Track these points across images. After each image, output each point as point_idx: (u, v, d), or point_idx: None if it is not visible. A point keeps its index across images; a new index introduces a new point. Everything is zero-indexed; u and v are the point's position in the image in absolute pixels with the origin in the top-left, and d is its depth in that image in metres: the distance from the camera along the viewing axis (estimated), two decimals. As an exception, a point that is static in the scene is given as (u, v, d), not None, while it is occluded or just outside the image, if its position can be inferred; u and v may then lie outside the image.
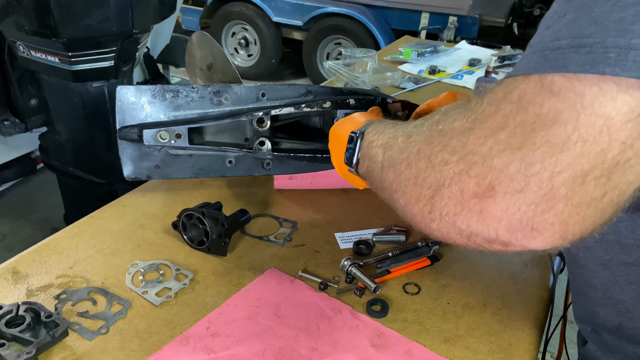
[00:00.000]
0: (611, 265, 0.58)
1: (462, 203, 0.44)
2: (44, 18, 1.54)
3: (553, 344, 1.06)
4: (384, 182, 0.57)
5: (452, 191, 0.44)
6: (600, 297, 0.62)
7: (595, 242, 0.58)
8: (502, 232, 0.42)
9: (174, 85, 0.89)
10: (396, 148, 0.55)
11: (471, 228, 0.44)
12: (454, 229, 0.45)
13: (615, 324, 0.61)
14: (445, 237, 0.47)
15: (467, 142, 0.44)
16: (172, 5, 1.98)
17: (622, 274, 0.57)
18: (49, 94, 1.94)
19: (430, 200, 0.47)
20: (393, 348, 0.72)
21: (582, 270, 0.63)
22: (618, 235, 0.55)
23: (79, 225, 0.96)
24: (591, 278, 0.62)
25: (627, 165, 0.38)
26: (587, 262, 0.61)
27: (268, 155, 0.93)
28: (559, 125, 0.38)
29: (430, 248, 0.91)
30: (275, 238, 0.94)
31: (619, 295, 0.59)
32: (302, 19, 4.40)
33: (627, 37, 0.36)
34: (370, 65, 1.66)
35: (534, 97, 0.40)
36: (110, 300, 0.78)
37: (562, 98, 0.38)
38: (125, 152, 0.90)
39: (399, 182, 0.52)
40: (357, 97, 0.94)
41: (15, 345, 0.69)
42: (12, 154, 2.50)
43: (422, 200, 0.48)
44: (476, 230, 0.43)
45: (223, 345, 0.71)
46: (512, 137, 0.40)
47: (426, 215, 0.48)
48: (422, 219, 0.49)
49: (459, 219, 0.44)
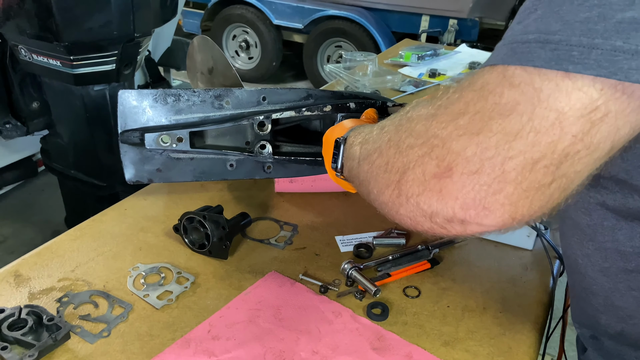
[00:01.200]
0: (611, 273, 0.58)
1: (424, 184, 0.47)
2: (45, 22, 1.55)
3: (553, 347, 1.07)
4: (360, 175, 0.60)
5: (416, 173, 0.47)
6: (601, 303, 0.62)
7: (594, 250, 0.58)
8: (458, 210, 0.45)
9: (175, 89, 0.89)
10: (371, 140, 0.59)
11: (432, 207, 0.46)
12: (418, 210, 0.48)
13: (617, 330, 0.61)
14: (412, 221, 0.50)
15: (430, 127, 0.47)
16: (173, 9, 1.98)
17: (623, 281, 0.57)
18: (50, 97, 1.95)
19: (397, 184, 0.50)
20: (393, 351, 0.72)
21: (582, 277, 0.63)
22: (617, 244, 0.55)
23: (80, 229, 0.96)
24: (591, 285, 0.61)
25: (577, 157, 0.41)
26: (586, 270, 0.61)
27: (269, 158, 0.93)
28: (515, 116, 0.41)
29: (430, 251, 0.91)
30: (276, 241, 0.95)
31: (619, 302, 0.59)
32: (303, 22, 4.40)
33: (590, 36, 0.38)
34: (370, 68, 1.67)
35: (495, 87, 0.43)
36: (111, 303, 0.79)
37: (521, 91, 0.41)
38: (127, 155, 0.91)
39: (372, 171, 0.55)
40: (357, 101, 0.95)
41: (18, 348, 0.70)
42: (14, 157, 2.51)
43: (390, 185, 0.51)
44: (436, 209, 0.46)
45: (224, 348, 0.72)
46: (471, 123, 0.43)
47: (395, 200, 0.50)
48: (392, 205, 0.51)
49: (421, 200, 0.47)
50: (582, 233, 0.59)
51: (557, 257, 0.91)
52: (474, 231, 0.47)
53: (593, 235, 0.57)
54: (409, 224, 0.51)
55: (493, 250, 0.94)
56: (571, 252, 0.63)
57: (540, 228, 0.91)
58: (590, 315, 0.65)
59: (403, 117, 0.53)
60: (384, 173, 0.52)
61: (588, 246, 0.59)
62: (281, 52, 4.73)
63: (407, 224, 0.51)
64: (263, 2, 4.51)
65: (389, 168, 0.51)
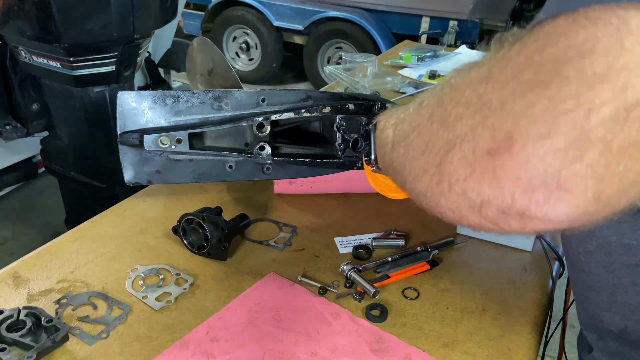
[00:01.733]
0: (614, 268, 0.57)
1: (473, 164, 0.37)
2: (45, 23, 1.55)
3: (554, 349, 1.06)
4: (394, 162, 0.52)
5: (463, 151, 0.38)
6: (604, 301, 0.61)
7: (597, 246, 0.57)
8: (519, 194, 0.35)
9: (175, 91, 0.89)
10: (407, 119, 0.50)
11: (483, 195, 0.37)
12: (463, 200, 0.39)
13: (620, 328, 0.60)
14: (456, 215, 0.41)
15: (484, 92, 0.37)
16: (173, 10, 1.99)
17: (626, 276, 0.56)
18: (50, 99, 1.95)
19: (438, 168, 0.41)
20: (392, 353, 0.72)
21: (584, 275, 0.62)
22: (621, 237, 0.54)
23: (79, 230, 0.96)
24: (594, 282, 0.61)
25: None
26: (589, 267, 0.60)
27: (268, 160, 0.93)
28: (598, 55, 0.32)
29: (429, 253, 0.91)
30: (275, 243, 0.95)
31: (623, 298, 0.58)
32: (303, 24, 4.41)
33: None
34: (370, 69, 1.67)
35: (565, 29, 0.33)
36: (110, 304, 0.79)
37: (601, 25, 0.32)
38: (126, 157, 0.91)
39: (408, 154, 0.47)
40: (356, 102, 0.95)
41: (16, 350, 0.70)
42: (14, 158, 2.51)
43: (429, 169, 0.42)
44: (488, 196, 0.37)
45: (223, 349, 0.72)
46: (539, 74, 0.34)
47: (434, 189, 0.42)
48: (431, 195, 0.43)
49: (469, 185, 0.38)
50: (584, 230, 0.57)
51: (557, 258, 0.91)
52: (536, 228, 0.37)
53: (596, 230, 0.56)
54: (451, 218, 0.42)
55: (492, 252, 0.94)
56: (573, 250, 0.62)
57: (540, 229, 0.90)
58: (594, 314, 0.65)
59: (446, 85, 0.43)
60: (422, 155, 0.43)
61: (591, 242, 0.58)
62: (281, 54, 4.74)
63: (449, 218, 0.43)
64: (263, 3, 4.51)
65: (429, 148, 0.42)
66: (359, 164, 0.96)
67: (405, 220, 1.02)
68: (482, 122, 0.37)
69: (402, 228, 0.99)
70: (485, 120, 0.36)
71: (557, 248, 0.91)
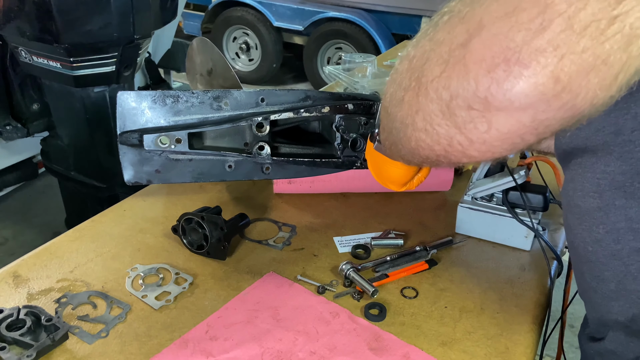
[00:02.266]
0: (623, 255, 0.57)
1: (446, 60, 0.39)
2: (46, 24, 1.55)
3: (552, 348, 1.07)
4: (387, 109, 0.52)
5: (440, 52, 0.39)
6: (612, 290, 0.60)
7: (605, 233, 0.57)
8: (482, 75, 0.36)
9: (174, 91, 0.89)
10: (397, 64, 0.51)
11: (451, 89, 0.38)
12: (436, 103, 0.40)
13: (628, 317, 0.60)
14: (427, 123, 0.42)
15: (455, 15, 0.39)
16: (173, 11, 1.99)
17: (634, 263, 0.56)
18: (50, 99, 1.96)
19: (417, 80, 0.42)
20: (390, 351, 0.72)
21: (592, 266, 0.62)
22: (630, 222, 0.55)
23: (79, 230, 0.96)
24: (602, 272, 0.60)
25: None
26: (597, 256, 0.60)
27: (267, 159, 0.93)
28: None
29: (428, 252, 0.91)
30: (274, 242, 0.95)
31: (632, 285, 0.58)
32: (303, 24, 4.41)
33: None
34: (369, 70, 1.67)
35: None
36: (110, 304, 0.79)
37: None
38: (125, 156, 0.91)
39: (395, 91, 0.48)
40: (355, 102, 0.95)
41: (16, 349, 0.70)
42: (14, 159, 2.52)
43: (410, 85, 0.43)
44: (456, 88, 0.38)
45: (222, 348, 0.72)
46: None
47: (412, 104, 0.43)
48: (409, 117, 0.44)
49: (441, 83, 0.39)
50: (592, 218, 0.58)
51: (555, 258, 0.91)
52: (500, 125, 0.37)
53: (604, 217, 0.56)
54: (424, 144, 0.44)
55: (491, 251, 0.94)
56: (579, 241, 0.62)
57: (538, 229, 0.91)
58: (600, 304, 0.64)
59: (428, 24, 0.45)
60: (406, 72, 0.44)
61: (599, 230, 0.58)
62: (281, 54, 4.74)
63: (423, 144, 0.44)
64: (263, 4, 4.52)
65: (411, 67, 0.43)
66: (358, 164, 0.96)
67: (404, 219, 1.02)
68: (461, 21, 0.38)
69: (401, 228, 0.99)
70: (464, 17, 0.37)
71: (555, 247, 0.91)
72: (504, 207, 0.92)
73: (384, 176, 0.77)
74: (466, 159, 0.44)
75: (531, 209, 0.91)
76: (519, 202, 0.91)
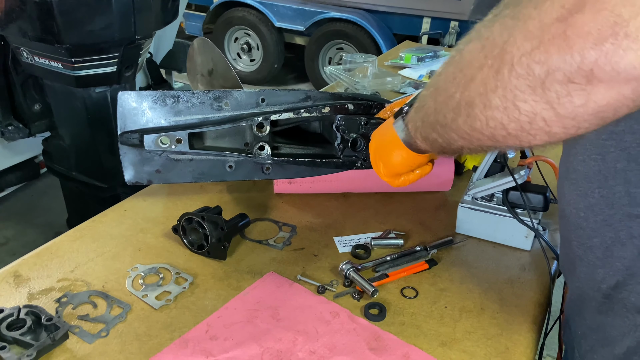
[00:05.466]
0: (614, 221, 0.58)
1: (539, 36, 0.38)
2: (47, 24, 1.56)
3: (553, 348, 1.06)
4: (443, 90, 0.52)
5: (528, 28, 0.39)
6: (599, 257, 0.61)
7: (600, 198, 0.58)
8: (589, 49, 0.36)
9: (175, 91, 0.90)
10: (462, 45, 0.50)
11: (549, 62, 0.38)
12: (526, 79, 0.40)
13: (611, 284, 0.61)
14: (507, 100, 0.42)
15: None
16: (175, 11, 1.99)
17: (625, 229, 0.57)
18: (52, 99, 1.96)
19: (498, 55, 0.42)
20: (390, 351, 0.72)
21: (581, 232, 0.62)
22: (627, 185, 0.55)
23: (80, 229, 0.97)
24: (591, 238, 0.61)
25: None
26: (587, 222, 0.61)
27: (268, 159, 0.94)
28: None
29: (428, 252, 0.91)
30: (275, 242, 0.95)
31: (619, 252, 0.59)
32: (304, 24, 4.41)
33: None
34: (370, 70, 1.67)
35: None
36: (110, 303, 0.79)
37: None
38: (126, 157, 0.91)
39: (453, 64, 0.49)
40: (355, 102, 0.95)
41: (16, 348, 0.70)
42: (16, 159, 2.52)
43: (486, 62, 0.43)
44: (556, 62, 0.38)
45: (222, 348, 0.72)
46: None
47: (490, 82, 0.43)
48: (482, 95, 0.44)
49: (534, 57, 0.39)
50: (589, 182, 0.58)
51: (555, 258, 0.91)
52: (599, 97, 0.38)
53: (603, 181, 0.57)
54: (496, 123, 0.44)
55: (491, 251, 0.94)
56: (572, 208, 0.63)
57: (539, 229, 0.91)
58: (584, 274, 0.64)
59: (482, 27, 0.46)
60: (479, 52, 0.44)
61: (594, 195, 0.58)
62: (283, 54, 4.74)
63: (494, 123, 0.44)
64: (265, 4, 4.52)
65: (487, 45, 0.44)
66: (359, 164, 0.96)
67: (404, 219, 1.02)
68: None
69: (401, 228, 0.99)
70: None
71: (555, 247, 0.91)
72: (504, 207, 0.92)
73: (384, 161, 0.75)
74: (544, 137, 0.44)
75: (531, 209, 0.91)
76: (519, 202, 0.91)
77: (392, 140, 0.71)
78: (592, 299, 0.65)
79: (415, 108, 0.64)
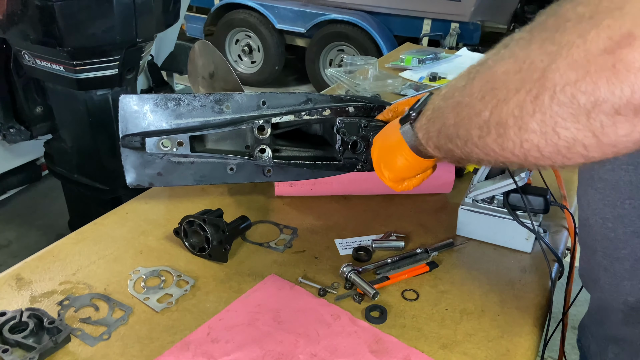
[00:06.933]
0: None
1: (585, 66, 0.38)
2: (49, 27, 1.56)
3: (555, 350, 1.07)
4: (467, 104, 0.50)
5: (572, 56, 0.38)
6: (627, 269, 0.60)
7: (632, 209, 0.57)
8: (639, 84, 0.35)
9: (176, 94, 0.90)
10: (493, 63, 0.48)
11: (597, 94, 0.38)
12: (569, 108, 0.39)
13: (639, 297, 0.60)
14: (546, 125, 0.41)
15: None
16: (176, 14, 1.99)
17: None
18: (54, 102, 1.97)
19: (539, 80, 0.41)
20: (391, 354, 0.73)
21: (609, 243, 0.61)
22: None
23: (82, 232, 0.97)
24: (619, 250, 0.60)
25: None
26: (616, 233, 0.60)
27: (269, 162, 0.94)
28: None
29: (429, 254, 0.92)
30: (276, 244, 0.95)
31: None
32: (305, 26, 4.42)
33: None
34: (371, 72, 1.67)
35: None
36: (112, 306, 0.79)
37: None
38: (128, 159, 0.91)
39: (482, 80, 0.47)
40: (356, 105, 0.95)
41: (19, 351, 0.70)
42: (18, 161, 2.53)
43: (524, 87, 0.42)
44: (604, 94, 0.37)
45: (223, 350, 0.72)
46: None
47: (527, 107, 0.42)
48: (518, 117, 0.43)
49: (580, 87, 0.38)
50: (619, 192, 0.57)
51: (556, 260, 0.91)
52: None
53: (635, 191, 0.56)
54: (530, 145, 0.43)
55: (492, 253, 0.94)
56: (597, 217, 0.61)
57: (539, 231, 0.91)
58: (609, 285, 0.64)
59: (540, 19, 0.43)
60: (516, 75, 0.43)
61: (624, 206, 0.57)
62: (284, 56, 4.75)
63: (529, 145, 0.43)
64: (266, 6, 4.53)
65: (525, 67, 0.42)
66: (359, 166, 0.97)
67: (405, 222, 1.02)
68: (596, 26, 0.37)
69: (402, 230, 0.99)
70: (600, 23, 0.37)
71: (556, 249, 0.91)
72: (505, 209, 0.92)
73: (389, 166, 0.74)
74: (580, 160, 0.43)
75: (532, 211, 0.91)
76: (520, 204, 0.91)
77: (398, 146, 0.69)
78: (617, 310, 0.64)
79: (428, 118, 0.62)
